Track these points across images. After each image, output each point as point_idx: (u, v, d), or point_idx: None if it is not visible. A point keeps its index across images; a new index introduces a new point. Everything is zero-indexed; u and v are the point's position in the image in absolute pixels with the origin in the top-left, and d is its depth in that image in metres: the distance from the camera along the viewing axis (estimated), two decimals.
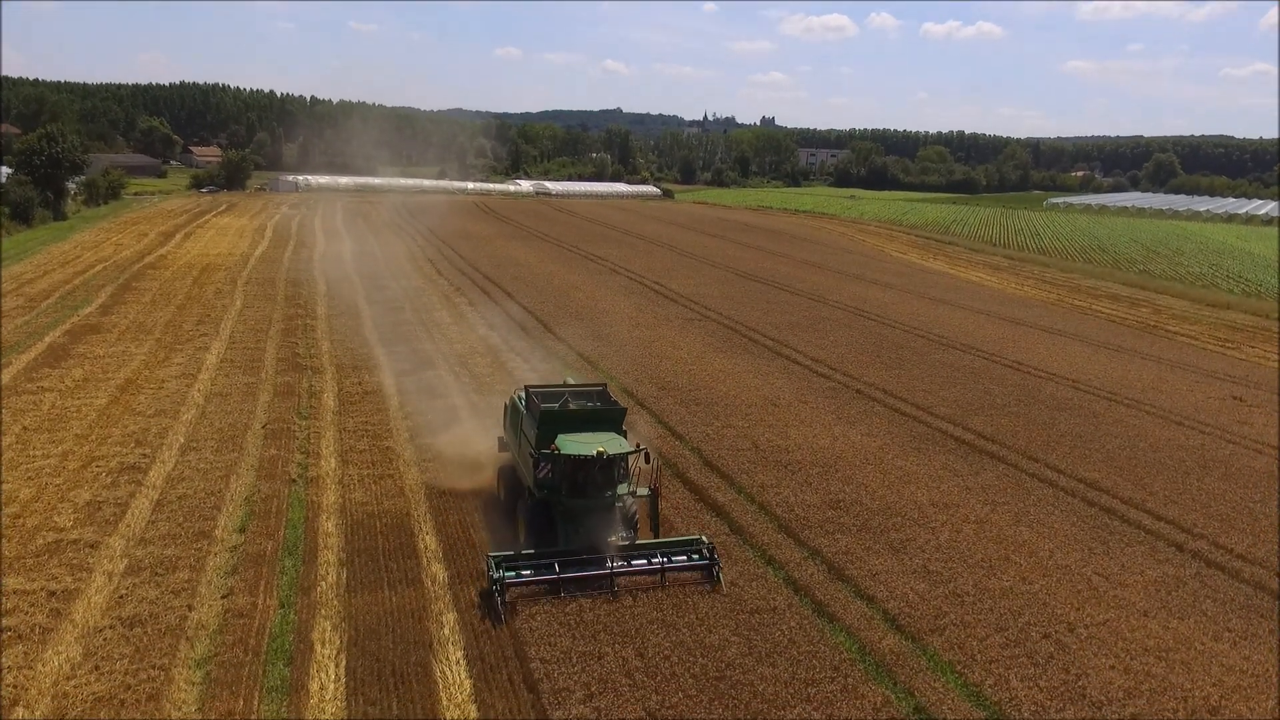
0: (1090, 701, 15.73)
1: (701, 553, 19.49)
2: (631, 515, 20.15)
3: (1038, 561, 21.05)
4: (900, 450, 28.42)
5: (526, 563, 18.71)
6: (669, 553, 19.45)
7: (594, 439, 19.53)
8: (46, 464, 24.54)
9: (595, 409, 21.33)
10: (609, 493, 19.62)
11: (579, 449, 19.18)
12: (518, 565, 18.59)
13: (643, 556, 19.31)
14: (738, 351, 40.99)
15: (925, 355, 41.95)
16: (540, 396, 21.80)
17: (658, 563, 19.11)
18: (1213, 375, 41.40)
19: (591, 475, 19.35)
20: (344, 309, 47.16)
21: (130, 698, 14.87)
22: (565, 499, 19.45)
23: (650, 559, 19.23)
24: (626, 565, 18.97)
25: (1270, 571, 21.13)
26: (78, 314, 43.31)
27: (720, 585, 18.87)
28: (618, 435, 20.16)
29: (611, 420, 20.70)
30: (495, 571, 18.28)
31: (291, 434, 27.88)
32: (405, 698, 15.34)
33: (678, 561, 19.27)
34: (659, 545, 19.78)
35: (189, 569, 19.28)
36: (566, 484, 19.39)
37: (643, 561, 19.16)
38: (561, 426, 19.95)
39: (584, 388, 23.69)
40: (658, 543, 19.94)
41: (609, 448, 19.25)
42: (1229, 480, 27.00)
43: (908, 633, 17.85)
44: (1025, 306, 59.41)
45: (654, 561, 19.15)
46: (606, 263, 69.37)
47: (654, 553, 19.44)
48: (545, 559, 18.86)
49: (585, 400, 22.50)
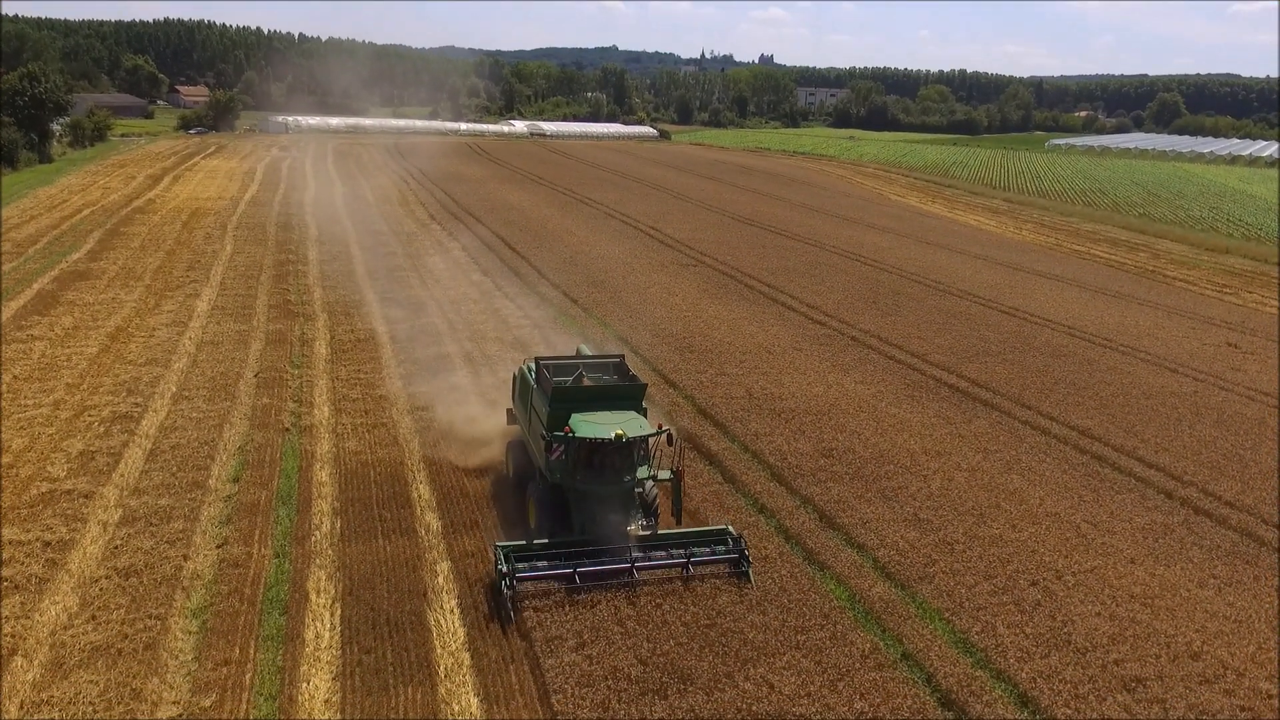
0: (1075, 648, 15.97)
1: (729, 545, 17.86)
2: (652, 501, 18.59)
3: (1027, 509, 21.21)
4: (894, 398, 28.44)
5: (538, 553, 17.19)
6: (693, 544, 17.81)
7: (612, 419, 17.70)
8: (38, 413, 24.47)
9: (613, 385, 19.53)
10: (628, 477, 17.95)
11: (595, 431, 17.33)
12: (529, 557, 17.10)
13: (664, 548, 17.70)
14: (733, 298, 40.75)
15: (921, 301, 41.75)
16: (552, 370, 19.95)
17: (680, 554, 17.50)
18: (1209, 321, 41.32)
19: (609, 458, 17.66)
20: (336, 254, 46.70)
21: (127, 647, 15.03)
22: (580, 483, 17.82)
23: (672, 551, 17.62)
24: (647, 558, 17.38)
25: (1258, 518, 21.33)
26: (66, 260, 42.82)
27: (750, 583, 17.26)
28: (637, 414, 18.29)
29: (631, 397, 18.78)
30: (504, 564, 16.76)
31: (284, 382, 27.79)
32: (400, 646, 15.52)
33: (702, 554, 17.64)
34: (682, 536, 18.09)
35: (183, 519, 19.36)
36: (581, 467, 17.74)
37: (664, 554, 17.58)
38: (576, 404, 18.18)
39: (600, 359, 21.62)
40: (681, 533, 18.24)
41: (628, 429, 17.36)
42: (1221, 427, 27.10)
43: (897, 580, 18.05)
44: (1023, 251, 59.01)
45: (676, 554, 17.55)
46: (601, 207, 68.58)
47: (677, 544, 17.80)
48: (559, 550, 17.26)
49: (601, 374, 20.68)
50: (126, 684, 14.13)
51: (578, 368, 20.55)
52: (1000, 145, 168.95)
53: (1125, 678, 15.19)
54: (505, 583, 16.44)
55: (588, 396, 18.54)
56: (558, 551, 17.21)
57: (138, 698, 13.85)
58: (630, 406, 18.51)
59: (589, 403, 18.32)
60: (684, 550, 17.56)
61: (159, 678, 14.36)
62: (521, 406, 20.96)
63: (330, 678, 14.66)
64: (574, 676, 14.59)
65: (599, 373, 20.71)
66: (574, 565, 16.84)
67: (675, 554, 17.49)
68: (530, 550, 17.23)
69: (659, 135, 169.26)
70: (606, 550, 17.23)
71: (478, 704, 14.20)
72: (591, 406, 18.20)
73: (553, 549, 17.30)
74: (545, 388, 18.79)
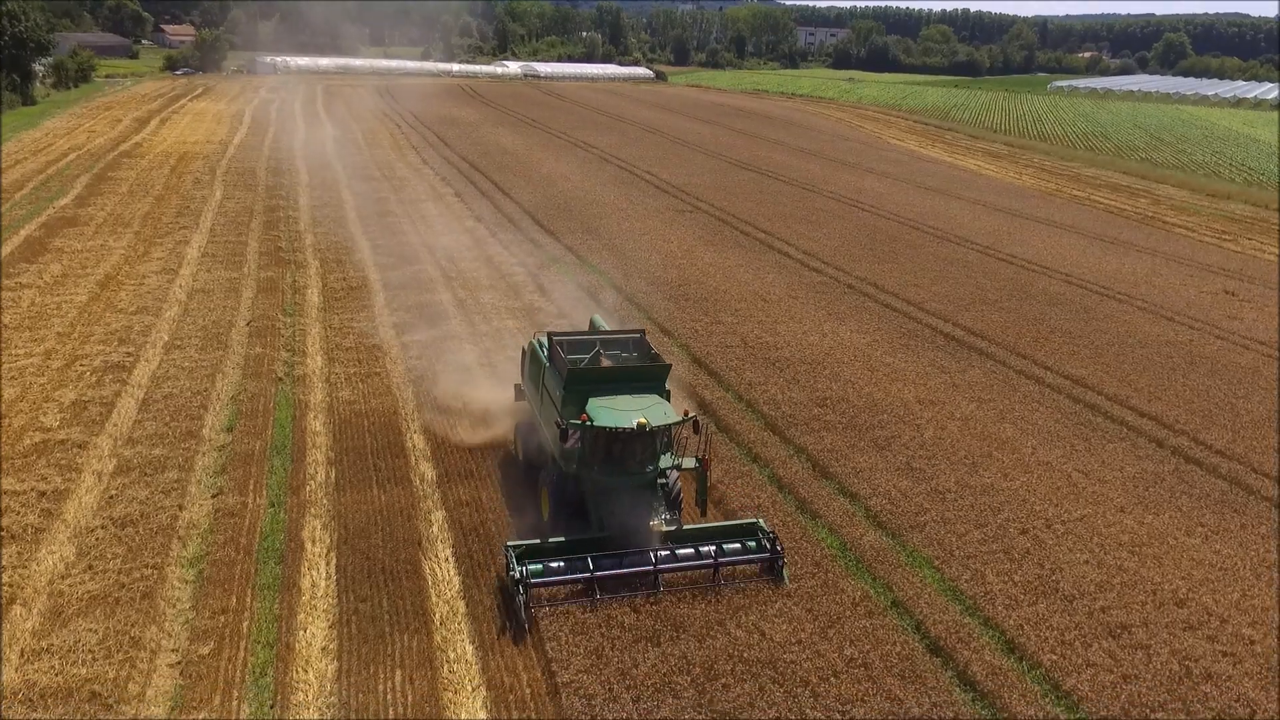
0: (1062, 595, 16.19)
1: (761, 542, 16.39)
2: (675, 493, 17.05)
3: (1019, 459, 21.32)
4: (889, 347, 28.39)
5: (552, 553, 15.72)
6: (721, 541, 16.31)
7: (633, 405, 16.05)
8: (29, 363, 24.34)
9: (633, 366, 17.87)
10: (650, 467, 16.45)
11: (615, 419, 15.68)
12: (543, 558, 15.55)
13: (691, 544, 16.18)
14: (728, 245, 40.41)
15: (919, 249, 41.46)
16: (566, 347, 18.18)
17: (709, 550, 15.98)
18: (1207, 268, 41.14)
19: (629, 447, 16.11)
20: (327, 200, 46.09)
21: (125, 596, 15.16)
22: (598, 474, 16.33)
23: (701, 548, 16.09)
24: (672, 557, 15.85)
25: (1247, 467, 21.48)
26: (53, 206, 42.22)
27: (785, 583, 15.90)
28: (660, 399, 16.62)
29: (653, 378, 17.12)
30: (515, 567, 15.20)
31: (276, 331, 27.63)
32: (395, 594, 15.68)
33: (733, 552, 16.18)
34: (710, 531, 16.66)
35: (178, 469, 19.39)
36: (599, 457, 16.25)
37: (692, 552, 16.05)
38: (593, 387, 16.57)
39: (618, 334, 19.82)
40: (708, 528, 16.80)
41: (651, 417, 15.76)
42: (1214, 376, 27.15)
43: (888, 529, 18.21)
44: (1023, 197, 58.45)
45: (704, 550, 16.03)
46: (596, 150, 67.60)
47: (704, 540, 16.33)
48: (575, 549, 15.77)
49: (620, 351, 18.97)
50: (125, 632, 14.28)
51: (594, 344, 18.84)
52: (1002, 87, 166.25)
53: (1111, 624, 15.43)
54: (518, 589, 14.92)
55: (606, 378, 16.94)
56: (574, 557, 15.54)
57: (137, 645, 14.01)
58: (653, 389, 16.85)
59: (607, 385, 16.69)
60: (713, 547, 16.05)
61: (157, 626, 14.52)
62: (532, 385, 19.22)
63: (327, 625, 14.83)
64: (568, 624, 14.76)
65: (617, 349, 19.01)
66: (592, 570, 15.28)
67: (704, 551, 15.99)
68: (544, 549, 15.72)
69: (655, 77, 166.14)
70: (628, 550, 15.72)
71: (473, 650, 14.40)
72: (610, 390, 16.56)
73: (568, 547, 15.79)
74: (559, 368, 17.12)
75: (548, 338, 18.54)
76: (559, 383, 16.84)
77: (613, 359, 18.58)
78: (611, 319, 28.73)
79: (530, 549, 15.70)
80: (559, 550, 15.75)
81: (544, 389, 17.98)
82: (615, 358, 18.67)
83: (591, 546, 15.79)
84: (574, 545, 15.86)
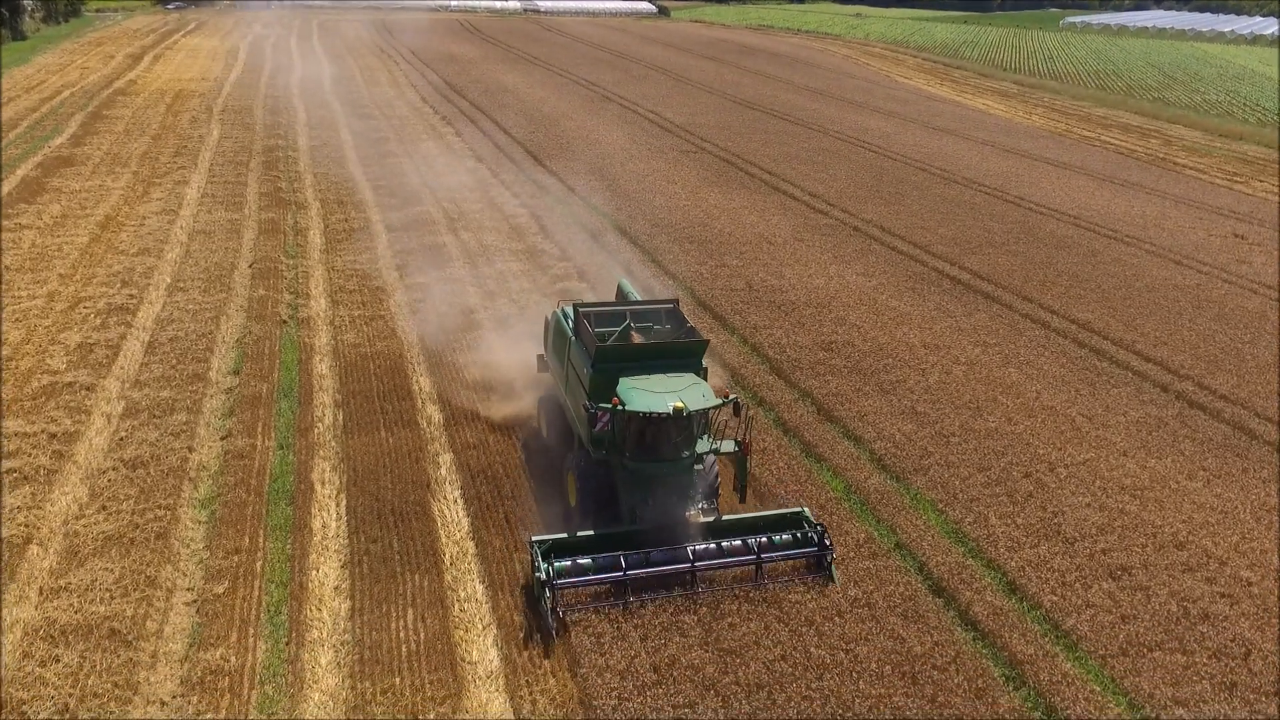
0: (1064, 538, 16.39)
1: (808, 535, 15.16)
2: (713, 480, 15.80)
3: (1024, 403, 21.38)
4: (895, 290, 28.26)
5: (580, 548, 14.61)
6: (764, 532, 15.15)
7: (668, 385, 14.71)
8: (33, 305, 24.28)
9: (667, 343, 16.27)
10: (686, 453, 15.10)
11: (649, 403, 14.32)
12: (571, 553, 14.43)
13: (730, 538, 15.05)
14: (734, 186, 39.94)
15: (926, 190, 40.96)
16: (593, 320, 16.85)
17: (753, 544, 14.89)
18: (1217, 211, 40.69)
19: (664, 431, 14.75)
20: (326, 139, 45.43)
21: (139, 536, 15.38)
22: (629, 460, 15.01)
23: (746, 540, 14.99)
24: (711, 550, 14.73)
25: (1251, 412, 21.54)
26: (48, 145, 41.66)
27: (835, 583, 14.74)
28: (698, 378, 15.23)
29: (689, 355, 15.72)
30: (541, 566, 13.98)
31: (279, 273, 27.50)
32: (405, 535, 15.89)
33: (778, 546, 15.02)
34: (751, 522, 15.46)
35: (186, 411, 19.48)
36: (631, 443, 14.91)
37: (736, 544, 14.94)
38: (623, 366, 15.24)
39: (650, 305, 18.19)
40: (748, 518, 15.58)
41: (689, 399, 14.38)
42: (1221, 321, 27.06)
43: (893, 472, 18.36)
44: (1032, 137, 57.53)
45: (750, 542, 14.95)
46: (599, 89, 66.33)
47: (745, 532, 15.19)
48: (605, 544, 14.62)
49: (652, 324, 17.45)
50: (141, 571, 14.53)
51: (624, 316, 17.43)
52: (1013, 23, 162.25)
53: (1111, 566, 15.65)
54: (545, 591, 13.81)
55: (638, 356, 15.58)
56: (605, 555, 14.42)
57: (153, 584, 14.26)
58: (689, 367, 15.46)
59: (639, 363, 15.36)
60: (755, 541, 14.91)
61: (172, 565, 14.76)
62: (556, 359, 17.80)
63: (339, 565, 15.08)
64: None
65: (649, 321, 17.49)
66: (625, 568, 14.18)
67: (749, 542, 14.93)
68: (571, 544, 14.66)
69: (658, 12, 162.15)
70: (663, 545, 14.65)
71: (483, 590, 14.66)
72: (642, 368, 15.20)
73: (598, 542, 14.71)
74: (587, 344, 15.84)
75: (574, 309, 16.98)
76: (586, 360, 15.47)
77: (644, 332, 17.09)
78: (616, 264, 28.60)
79: (558, 544, 14.51)
80: (588, 545, 14.62)
81: (569, 364, 16.62)
82: (646, 331, 17.15)
83: (622, 540, 14.63)
84: (604, 540, 14.70)
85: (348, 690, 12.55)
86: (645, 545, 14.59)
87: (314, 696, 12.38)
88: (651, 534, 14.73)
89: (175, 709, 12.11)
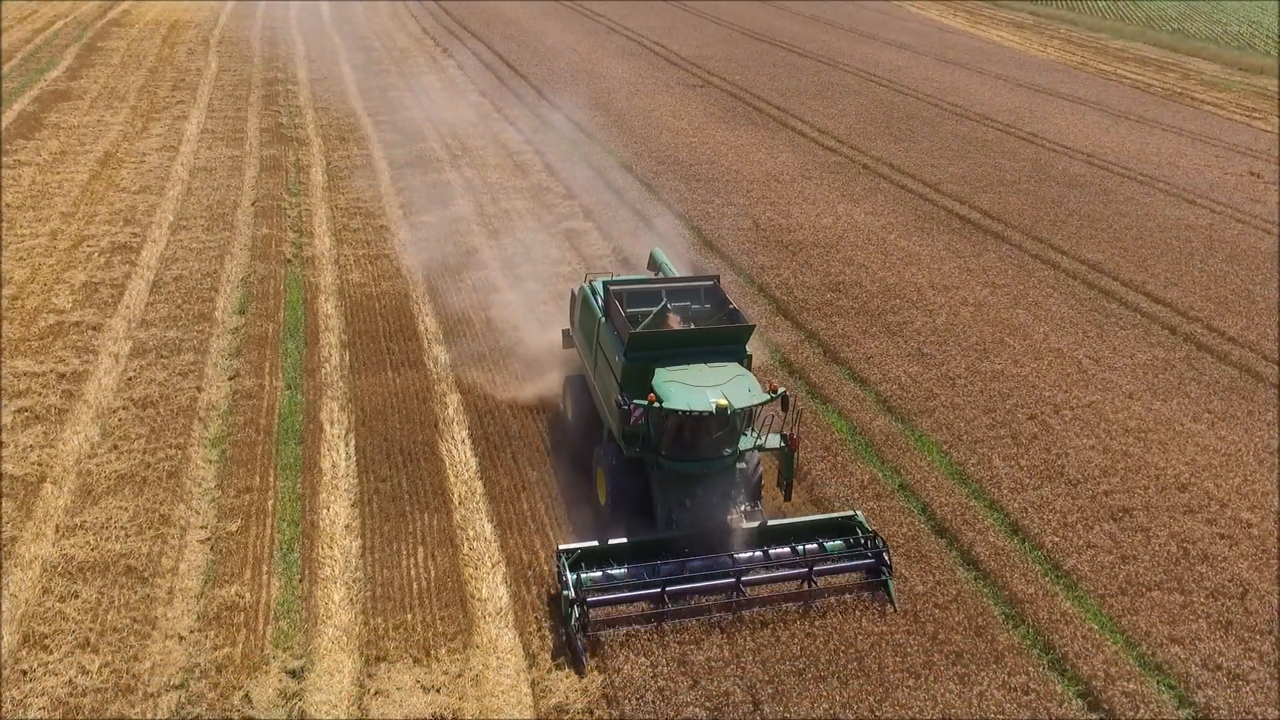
0: (1067, 479, 16.51)
1: (862, 543, 13.70)
2: (757, 480, 14.36)
3: (1031, 345, 21.32)
4: (904, 230, 27.94)
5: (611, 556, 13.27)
6: (813, 539, 13.82)
7: (709, 378, 13.26)
8: (36, 244, 24.17)
9: (709, 329, 14.74)
10: (728, 450, 13.75)
11: (690, 400, 12.87)
12: (603, 563, 13.08)
13: (778, 543, 13.68)
14: (741, 122, 39.21)
15: (937, 126, 40.18)
16: (625, 299, 15.21)
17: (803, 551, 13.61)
18: (1234, 148, 39.90)
19: (705, 429, 13.35)
20: (326, 73, 44.56)
21: (151, 475, 15.58)
22: (665, 459, 13.66)
23: (796, 548, 13.64)
24: (756, 559, 13.34)
25: (1259, 355, 21.46)
26: (44, 78, 40.95)
27: (893, 602, 13.27)
28: (741, 369, 13.75)
29: (733, 342, 14.22)
30: (570, 581, 12.59)
31: (282, 211, 27.26)
32: (414, 475, 16.06)
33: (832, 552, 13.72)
34: (799, 528, 13.97)
35: (193, 351, 19.54)
36: (668, 441, 13.55)
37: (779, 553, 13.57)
38: (659, 354, 13.72)
39: (688, 283, 16.28)
40: (797, 523, 14.08)
41: (734, 395, 12.97)
42: (1233, 262, 26.77)
43: (898, 414, 18.42)
44: (1047, 71, 56.16)
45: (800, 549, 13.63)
46: (604, 20, 64.67)
47: (792, 539, 13.79)
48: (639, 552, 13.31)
49: (690, 303, 15.75)
50: (155, 509, 14.75)
51: (659, 295, 15.75)
52: None
53: (1113, 508, 15.80)
54: (574, 611, 12.32)
55: (676, 343, 14.10)
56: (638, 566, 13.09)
57: (166, 522, 14.49)
58: (732, 354, 14.00)
59: (677, 349, 13.88)
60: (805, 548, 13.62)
61: (185, 504, 14.98)
62: (584, 339, 16.32)
63: (349, 504, 15.28)
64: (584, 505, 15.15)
65: (685, 300, 15.83)
66: (662, 582, 12.78)
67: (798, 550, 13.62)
68: (600, 553, 13.23)
69: None
70: (702, 552, 13.36)
71: (491, 529, 14.87)
72: (680, 356, 13.71)
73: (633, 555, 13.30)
74: (619, 328, 14.35)
75: (603, 287, 15.51)
76: (618, 346, 14.02)
77: (680, 313, 15.48)
78: (624, 206, 28.29)
79: (587, 554, 13.13)
80: (619, 554, 13.27)
81: (598, 347, 15.12)
82: (684, 311, 15.55)
83: (658, 548, 13.38)
84: (638, 548, 13.36)
85: (360, 626, 12.84)
86: (683, 552, 13.29)
87: (328, 632, 12.68)
88: (690, 539, 13.47)
89: (193, 643, 12.41)
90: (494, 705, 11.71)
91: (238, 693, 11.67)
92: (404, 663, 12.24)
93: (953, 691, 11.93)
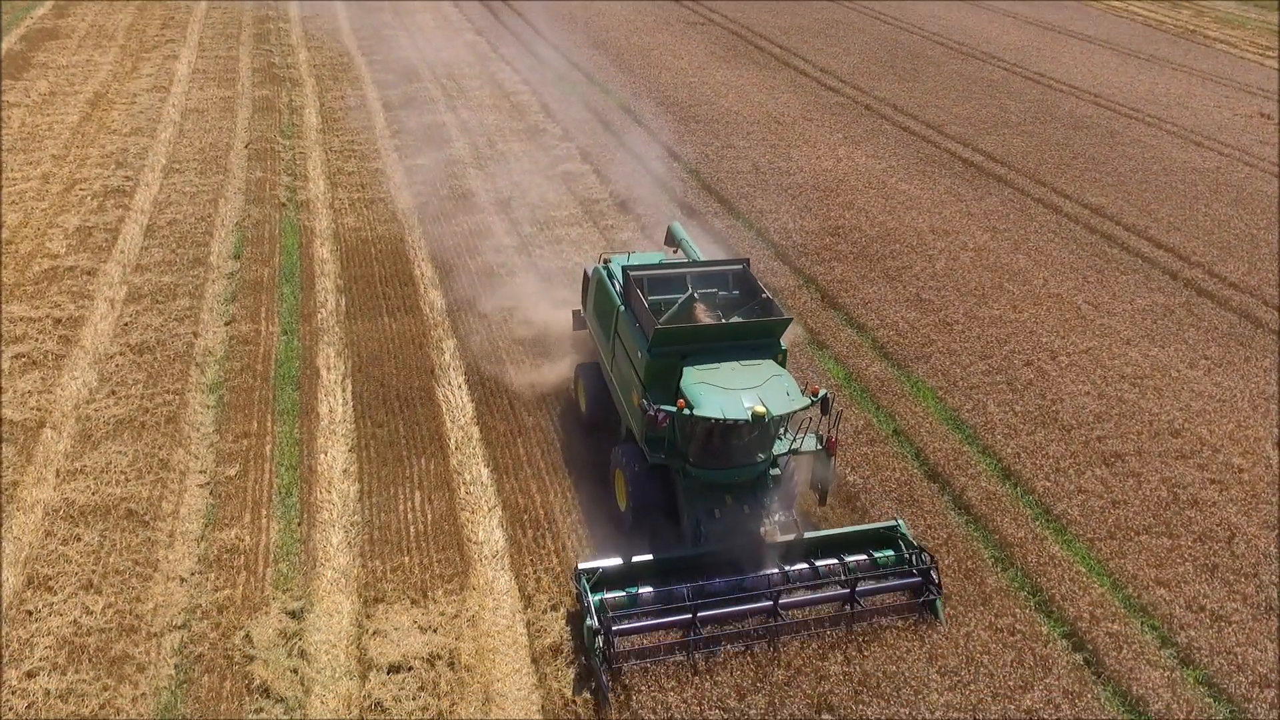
0: (1061, 425, 16.58)
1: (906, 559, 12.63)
2: (792, 488, 13.20)
3: (1030, 290, 21.21)
4: (905, 173, 27.59)
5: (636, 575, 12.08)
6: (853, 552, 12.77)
7: (742, 379, 11.90)
8: (28, 187, 23.92)
9: (742, 322, 13.09)
10: (761, 456, 12.45)
11: (723, 406, 11.48)
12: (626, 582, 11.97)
13: (815, 560, 12.56)
14: (742, 62, 38.43)
15: (942, 66, 39.38)
16: (646, 286, 13.85)
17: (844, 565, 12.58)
18: (1244, 88, 39.14)
19: (737, 434, 11.96)
20: (318, 9, 43.53)
21: (150, 420, 15.66)
22: (693, 467, 12.39)
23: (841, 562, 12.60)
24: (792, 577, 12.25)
25: (1259, 300, 21.36)
26: (30, 16, 40.04)
27: (940, 620, 12.20)
28: (776, 368, 12.37)
29: (767, 336, 12.71)
30: (593, 608, 11.38)
31: (276, 154, 26.91)
32: (411, 420, 16.14)
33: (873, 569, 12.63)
34: (838, 540, 12.86)
35: (189, 296, 19.47)
36: (697, 448, 12.22)
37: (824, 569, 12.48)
38: (687, 350, 12.36)
39: (715, 268, 14.66)
40: (836, 534, 12.96)
41: (770, 400, 11.60)
42: (1237, 206, 26.47)
43: (894, 360, 18.43)
44: (1056, 8, 54.80)
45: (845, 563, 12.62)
46: None
47: (830, 553, 12.68)
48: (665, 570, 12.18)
49: (718, 289, 14.27)
50: (154, 454, 14.86)
51: (684, 282, 14.23)
52: None
53: (1105, 453, 15.89)
54: (598, 641, 11.17)
55: (705, 338, 12.76)
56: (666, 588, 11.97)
57: (166, 467, 14.62)
58: (765, 350, 12.57)
59: (706, 345, 12.56)
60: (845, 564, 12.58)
61: (184, 449, 15.09)
62: (599, 326, 14.96)
63: (347, 449, 15.39)
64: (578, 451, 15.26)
65: (713, 286, 14.31)
66: (694, 606, 11.63)
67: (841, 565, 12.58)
68: (622, 571, 12.03)
69: None
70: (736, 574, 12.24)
71: (488, 474, 15.00)
72: (709, 352, 12.38)
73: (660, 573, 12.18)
74: (641, 320, 13.00)
75: (622, 271, 14.03)
76: (640, 341, 12.71)
77: (707, 300, 14.08)
78: (621, 148, 27.88)
79: (610, 572, 11.94)
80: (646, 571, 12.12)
81: (616, 338, 13.81)
82: (711, 299, 14.14)
83: (686, 565, 12.24)
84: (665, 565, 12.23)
85: (359, 568, 13.05)
86: (713, 569, 12.21)
87: (327, 574, 12.89)
88: (720, 555, 12.35)
89: (194, 585, 12.63)
90: (490, 645, 11.96)
91: (239, 633, 11.90)
92: (401, 604, 12.46)
93: (940, 632, 12.14)
